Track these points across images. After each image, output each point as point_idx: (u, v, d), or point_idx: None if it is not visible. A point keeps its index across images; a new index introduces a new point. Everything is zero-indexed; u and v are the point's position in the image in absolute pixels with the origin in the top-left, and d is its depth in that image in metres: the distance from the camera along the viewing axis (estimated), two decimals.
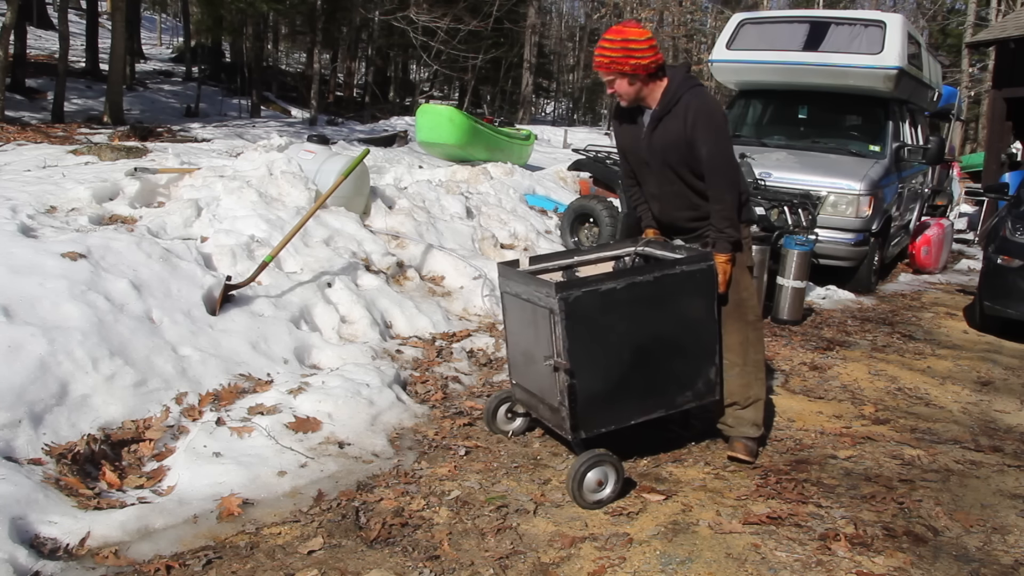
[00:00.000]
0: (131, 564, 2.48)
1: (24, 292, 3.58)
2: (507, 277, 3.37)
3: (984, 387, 4.91)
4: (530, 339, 3.26)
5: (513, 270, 3.37)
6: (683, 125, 3.17)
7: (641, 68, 3.14)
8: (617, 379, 3.10)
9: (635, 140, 3.37)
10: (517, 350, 3.45)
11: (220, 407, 3.51)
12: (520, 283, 3.25)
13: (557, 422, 3.17)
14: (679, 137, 3.19)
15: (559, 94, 40.36)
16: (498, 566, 2.59)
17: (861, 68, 7.65)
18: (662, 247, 3.48)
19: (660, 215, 3.51)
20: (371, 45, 25.12)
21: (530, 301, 3.16)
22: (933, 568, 2.68)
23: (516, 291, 3.29)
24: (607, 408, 3.10)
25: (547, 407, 3.22)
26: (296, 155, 6.32)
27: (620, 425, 3.16)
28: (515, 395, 3.59)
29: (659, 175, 3.35)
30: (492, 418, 3.68)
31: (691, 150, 3.19)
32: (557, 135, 21.20)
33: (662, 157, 3.28)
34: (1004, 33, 13.25)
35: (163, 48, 31.13)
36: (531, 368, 3.32)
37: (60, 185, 5.67)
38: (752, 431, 3.48)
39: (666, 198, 3.41)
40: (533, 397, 3.36)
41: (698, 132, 3.15)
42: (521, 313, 3.30)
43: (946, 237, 9.60)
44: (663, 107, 3.22)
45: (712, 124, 3.16)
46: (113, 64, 13.78)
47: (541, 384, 3.23)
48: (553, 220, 8.14)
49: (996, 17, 23.26)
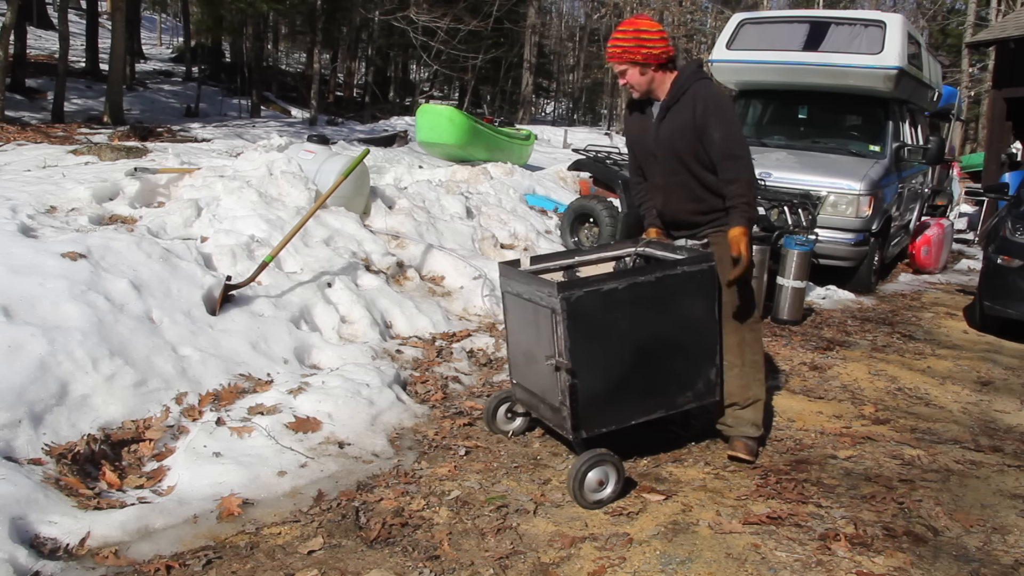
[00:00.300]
0: (131, 564, 2.48)
1: (24, 292, 3.58)
2: (508, 277, 3.37)
3: (984, 387, 4.91)
4: (531, 339, 3.26)
5: (514, 270, 3.37)
6: (692, 113, 3.24)
7: (652, 58, 3.24)
8: (618, 379, 3.10)
9: (644, 131, 3.44)
10: (518, 350, 3.45)
11: (220, 407, 3.52)
12: (522, 283, 3.25)
13: (558, 422, 3.17)
14: (687, 125, 3.26)
15: (559, 94, 40.36)
16: (498, 566, 2.59)
17: (861, 68, 7.65)
18: (663, 247, 3.48)
19: (664, 208, 3.52)
20: (371, 45, 25.13)
21: (531, 301, 3.16)
22: (933, 568, 2.68)
23: (518, 291, 3.29)
24: (608, 408, 3.11)
25: (548, 407, 3.22)
26: (296, 155, 6.32)
27: (621, 425, 3.16)
28: (515, 395, 3.59)
29: (665, 165, 3.39)
30: (492, 418, 3.68)
31: (700, 138, 3.25)
32: (557, 135, 21.21)
33: (670, 146, 3.33)
34: (1004, 33, 13.25)
35: (163, 48, 31.13)
36: (532, 368, 3.32)
37: (60, 185, 5.67)
38: (752, 431, 3.48)
39: (671, 189, 3.43)
40: (534, 397, 3.36)
41: (709, 119, 3.21)
42: (522, 313, 3.30)
43: (946, 237, 9.60)
44: (672, 97, 3.30)
45: (722, 110, 3.25)
46: (113, 64, 13.78)
47: (542, 384, 3.23)
48: (553, 220, 8.14)
49: (996, 17, 23.26)
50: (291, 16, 22.54)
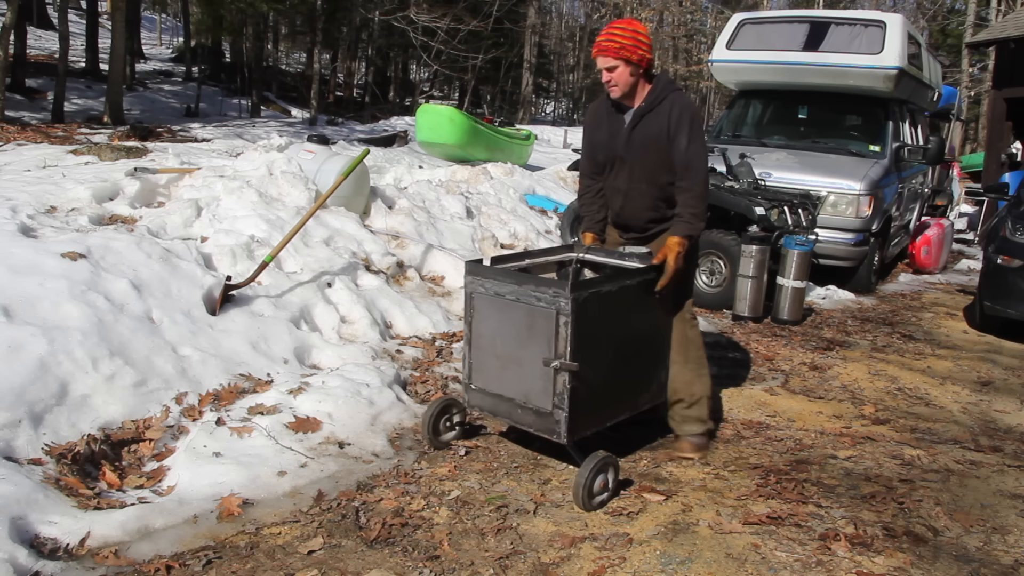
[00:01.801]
0: (131, 564, 2.48)
1: (24, 292, 3.59)
2: (486, 276, 3.22)
3: (984, 387, 4.91)
4: (514, 341, 3.13)
5: (500, 270, 3.25)
6: (667, 121, 3.29)
7: (645, 61, 3.28)
8: (604, 381, 3.14)
9: (613, 135, 3.46)
10: (489, 353, 3.26)
11: (220, 407, 3.52)
12: (510, 283, 3.13)
13: (545, 426, 3.08)
14: (662, 133, 3.31)
15: (559, 94, 40.34)
16: (498, 566, 2.59)
17: (861, 68, 7.65)
18: (606, 254, 3.56)
19: (620, 212, 3.57)
20: (371, 45, 25.13)
21: (521, 301, 3.07)
22: (933, 568, 2.68)
23: (500, 291, 3.15)
24: (594, 410, 3.14)
25: (530, 411, 3.12)
26: (296, 155, 6.31)
27: (601, 427, 3.21)
28: (471, 401, 3.38)
29: (632, 171, 3.43)
30: (434, 431, 3.46)
31: (670, 146, 3.30)
32: (557, 135, 21.20)
33: (640, 152, 3.38)
34: (1004, 33, 13.25)
35: (163, 48, 31.11)
36: (510, 372, 3.18)
37: (60, 185, 5.67)
38: (698, 427, 3.57)
39: (632, 195, 3.47)
40: (508, 402, 3.20)
41: (682, 126, 3.28)
42: (504, 314, 3.16)
43: (946, 237, 9.60)
44: (649, 104, 3.34)
45: (696, 122, 3.33)
46: (113, 64, 13.78)
47: (526, 388, 3.11)
48: (553, 220, 8.14)
49: (996, 17, 23.26)
50: (291, 16, 22.54)
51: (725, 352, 5.26)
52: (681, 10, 27.87)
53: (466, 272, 3.32)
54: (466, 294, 3.33)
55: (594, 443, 3.17)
